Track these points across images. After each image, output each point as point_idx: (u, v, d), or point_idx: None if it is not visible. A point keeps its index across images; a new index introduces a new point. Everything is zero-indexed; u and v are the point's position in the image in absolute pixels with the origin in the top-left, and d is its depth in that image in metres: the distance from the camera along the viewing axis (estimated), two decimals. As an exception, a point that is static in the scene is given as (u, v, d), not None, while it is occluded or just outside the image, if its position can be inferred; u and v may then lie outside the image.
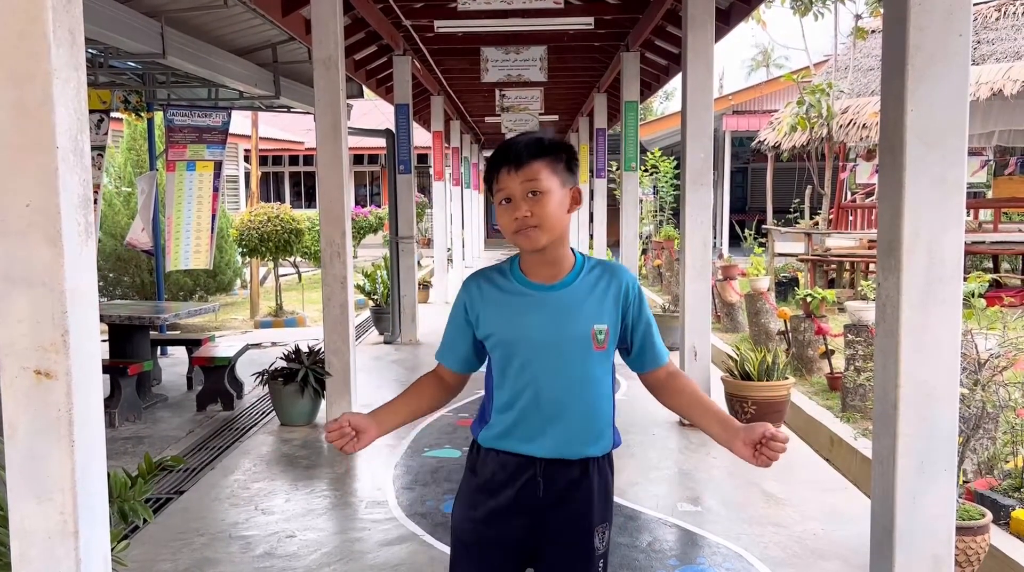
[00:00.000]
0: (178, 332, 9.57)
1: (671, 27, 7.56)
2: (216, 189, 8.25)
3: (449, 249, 14.59)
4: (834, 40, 13.85)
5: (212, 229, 8.24)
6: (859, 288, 9.36)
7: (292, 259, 12.05)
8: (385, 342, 8.98)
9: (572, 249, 1.89)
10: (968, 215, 12.91)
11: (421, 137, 13.86)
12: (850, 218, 13.01)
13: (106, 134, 7.88)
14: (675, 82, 8.39)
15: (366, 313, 10.38)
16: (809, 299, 6.89)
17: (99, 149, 7.80)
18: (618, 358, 1.94)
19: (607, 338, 1.85)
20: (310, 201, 24.21)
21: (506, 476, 1.87)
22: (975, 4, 12.68)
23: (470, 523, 1.91)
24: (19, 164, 1.69)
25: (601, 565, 1.92)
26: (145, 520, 2.57)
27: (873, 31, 12.37)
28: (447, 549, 2.86)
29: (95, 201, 7.71)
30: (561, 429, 1.84)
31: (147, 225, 8.36)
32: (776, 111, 15.56)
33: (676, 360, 5.72)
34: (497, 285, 1.89)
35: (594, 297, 1.85)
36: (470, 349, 1.93)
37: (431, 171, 12.89)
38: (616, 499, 4.03)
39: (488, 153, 1.93)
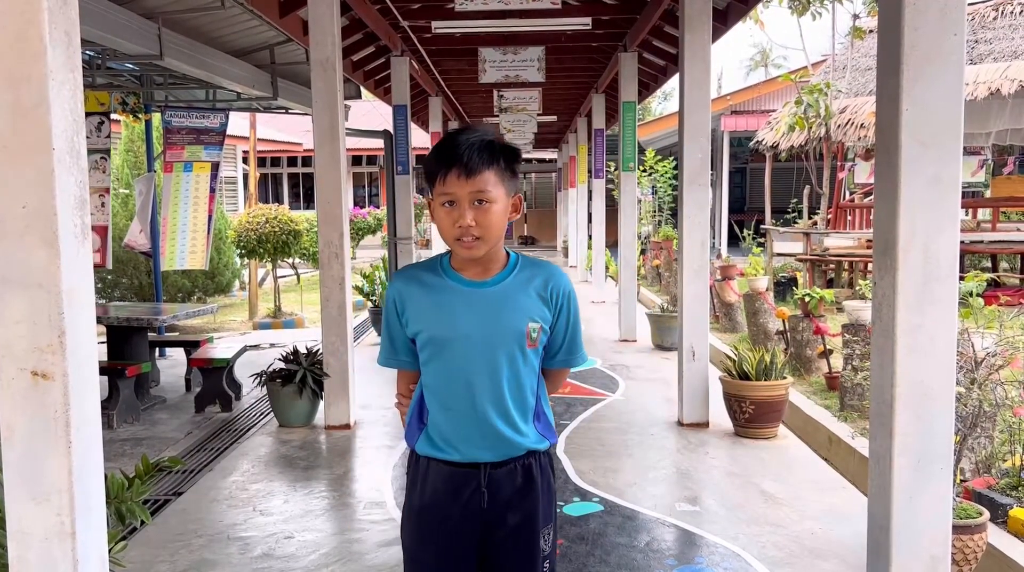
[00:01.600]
0: (176, 334, 9.57)
1: (669, 27, 7.58)
2: (212, 190, 8.25)
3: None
4: (832, 40, 13.88)
5: (208, 230, 8.24)
6: (857, 288, 9.35)
7: (290, 260, 12.05)
8: (384, 343, 8.97)
9: (505, 249, 1.88)
10: (967, 214, 12.92)
11: (419, 138, 13.85)
12: (848, 218, 13.01)
13: (108, 137, 7.88)
14: (673, 82, 8.38)
15: (364, 314, 10.38)
16: (807, 299, 6.89)
17: (103, 152, 7.79)
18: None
19: (539, 336, 1.84)
20: (308, 202, 24.18)
21: (451, 490, 1.84)
22: (972, 3, 12.70)
23: (419, 546, 1.91)
24: (15, 166, 1.69)
25: (547, 566, 1.92)
26: (143, 521, 2.57)
27: (871, 31, 12.36)
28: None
29: (103, 204, 7.74)
30: (501, 428, 1.82)
31: (145, 227, 8.37)
32: (774, 111, 15.57)
33: (674, 360, 5.75)
34: (423, 282, 1.85)
35: (527, 294, 1.83)
36: (411, 346, 1.90)
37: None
38: (614, 499, 4.07)
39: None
